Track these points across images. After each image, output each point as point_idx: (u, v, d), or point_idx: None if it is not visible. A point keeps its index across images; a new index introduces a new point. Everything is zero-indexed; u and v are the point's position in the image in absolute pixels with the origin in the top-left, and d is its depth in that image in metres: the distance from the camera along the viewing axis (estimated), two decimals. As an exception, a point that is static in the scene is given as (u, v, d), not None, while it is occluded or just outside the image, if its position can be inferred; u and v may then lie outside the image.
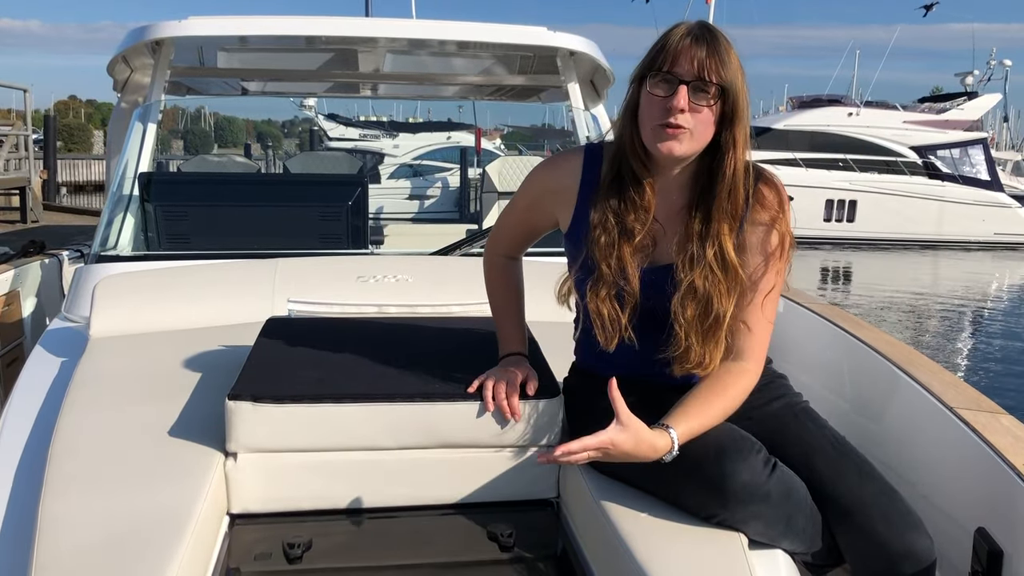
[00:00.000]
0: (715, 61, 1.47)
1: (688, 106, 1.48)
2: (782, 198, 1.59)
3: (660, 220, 1.58)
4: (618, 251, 1.55)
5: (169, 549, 1.31)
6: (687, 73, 1.47)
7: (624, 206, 1.56)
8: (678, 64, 1.48)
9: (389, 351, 1.84)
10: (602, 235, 1.56)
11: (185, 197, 3.44)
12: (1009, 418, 1.69)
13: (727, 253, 1.52)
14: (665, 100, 1.49)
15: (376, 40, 3.42)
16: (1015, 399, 7.80)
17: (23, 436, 1.78)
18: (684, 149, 1.50)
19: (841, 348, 2.28)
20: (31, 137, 13.52)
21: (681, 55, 1.48)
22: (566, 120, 3.89)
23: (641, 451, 1.42)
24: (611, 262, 1.55)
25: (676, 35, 1.50)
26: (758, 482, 1.41)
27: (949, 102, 23.67)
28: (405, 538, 1.64)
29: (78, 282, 2.79)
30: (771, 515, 1.42)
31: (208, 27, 3.19)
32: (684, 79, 1.47)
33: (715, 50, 1.48)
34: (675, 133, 1.49)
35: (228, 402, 1.58)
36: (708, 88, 1.47)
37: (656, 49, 1.52)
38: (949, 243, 20.91)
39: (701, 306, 1.51)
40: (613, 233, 1.55)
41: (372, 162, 18.46)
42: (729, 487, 1.40)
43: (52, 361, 2.23)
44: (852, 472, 1.50)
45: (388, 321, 2.07)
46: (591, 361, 1.71)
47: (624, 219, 1.56)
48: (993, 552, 1.48)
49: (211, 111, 41.83)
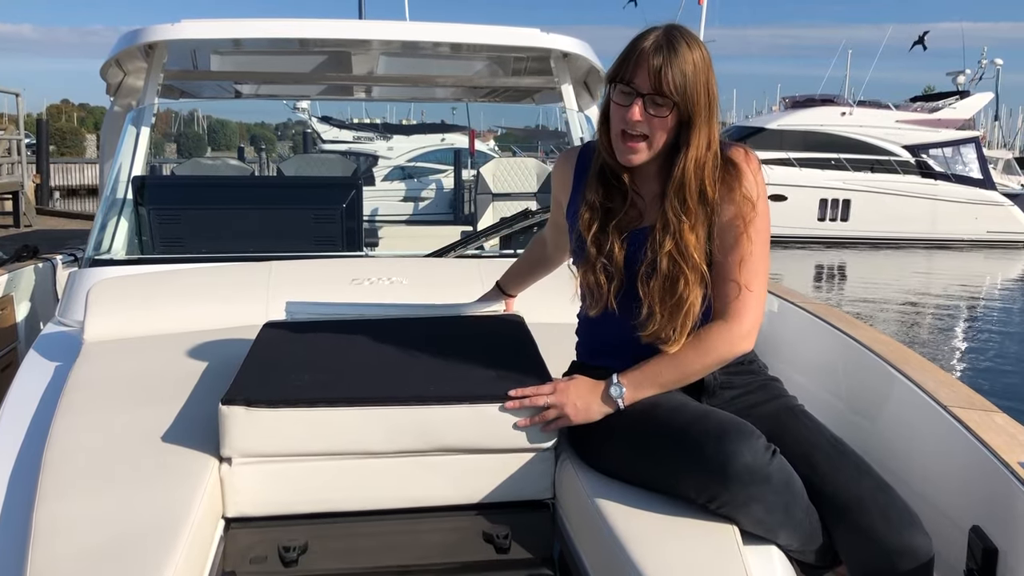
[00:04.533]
0: (670, 70, 1.54)
1: (643, 116, 1.57)
2: (746, 167, 1.64)
3: (644, 197, 1.69)
4: (600, 226, 1.67)
5: (164, 553, 1.31)
6: (643, 84, 1.56)
7: (607, 191, 1.70)
8: (637, 75, 1.56)
9: (383, 354, 1.84)
10: (586, 213, 1.69)
11: (179, 200, 3.44)
12: (1003, 416, 1.70)
13: (685, 247, 1.59)
14: (624, 110, 1.59)
15: (369, 42, 3.42)
16: (1009, 397, 7.82)
17: (17, 441, 1.78)
18: (642, 157, 1.62)
19: (835, 347, 2.29)
20: (24, 141, 13.47)
21: (640, 66, 1.56)
22: (560, 121, 3.91)
23: (582, 389, 1.63)
24: (596, 236, 1.67)
25: (643, 43, 1.57)
26: (760, 463, 1.42)
27: (941, 101, 23.72)
28: (401, 541, 1.64)
29: (72, 286, 2.79)
30: (771, 500, 1.42)
31: (201, 30, 3.18)
32: (640, 91, 1.56)
33: (671, 59, 1.54)
34: (634, 146, 1.61)
35: (222, 407, 1.57)
36: (662, 101, 1.55)
37: (623, 56, 1.60)
38: (942, 241, 20.97)
39: (667, 283, 1.60)
40: (597, 212, 1.68)
41: (366, 164, 18.45)
42: (731, 467, 1.41)
43: (46, 366, 2.22)
44: (851, 469, 1.51)
45: (382, 323, 2.06)
46: (585, 357, 1.80)
47: (608, 201, 1.69)
48: (988, 550, 1.48)
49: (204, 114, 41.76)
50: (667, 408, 1.58)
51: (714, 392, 1.69)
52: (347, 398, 1.61)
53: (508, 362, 1.77)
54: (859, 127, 21.81)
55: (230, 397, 1.58)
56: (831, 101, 23.24)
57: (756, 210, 1.62)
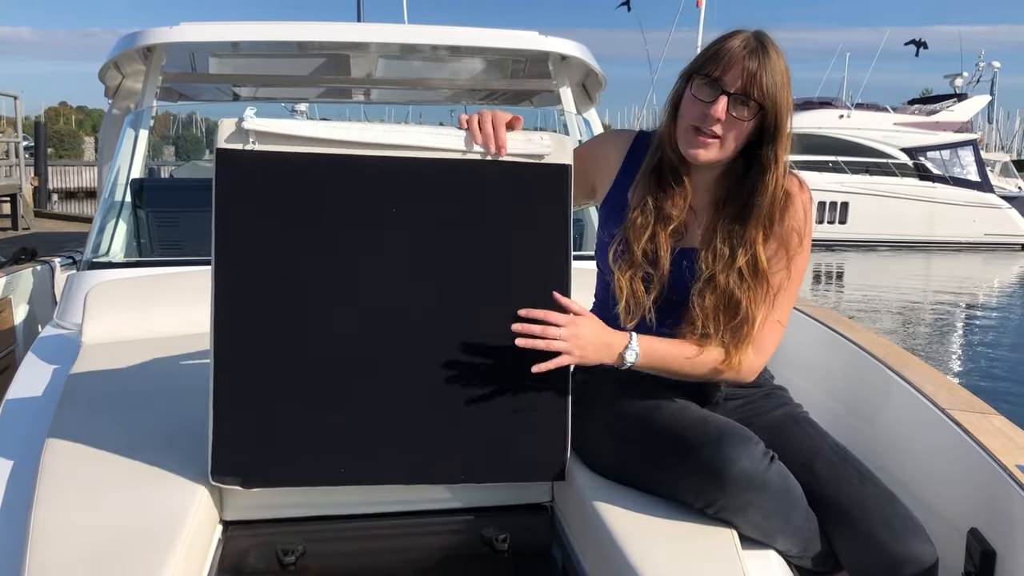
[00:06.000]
0: (763, 77, 1.49)
1: (725, 116, 1.51)
2: (799, 199, 1.62)
3: (695, 208, 1.63)
4: (652, 233, 1.58)
5: (162, 557, 1.31)
6: (732, 84, 1.51)
7: (663, 192, 1.61)
8: (727, 72, 1.51)
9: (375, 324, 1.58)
10: (639, 217, 1.60)
11: (177, 203, 3.44)
12: (1001, 419, 1.70)
13: (760, 262, 1.55)
14: (705, 105, 1.52)
15: (368, 45, 3.42)
16: (1007, 399, 7.83)
17: (15, 443, 1.78)
18: (710, 156, 1.55)
19: (834, 350, 2.29)
20: (22, 144, 13.47)
21: (732, 65, 1.50)
22: (558, 124, 3.89)
23: (597, 338, 1.50)
24: (645, 244, 1.58)
25: (733, 43, 1.52)
26: (757, 469, 1.42)
27: (939, 104, 23.79)
28: (399, 544, 1.64)
29: (70, 289, 2.78)
30: (769, 506, 1.42)
31: (200, 33, 3.18)
32: (727, 89, 1.51)
33: (766, 66, 1.50)
34: (705, 141, 1.54)
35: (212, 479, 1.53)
36: (749, 103, 1.51)
37: (710, 52, 1.54)
38: (940, 244, 20.99)
39: (723, 302, 1.55)
40: (651, 216, 1.59)
41: (364, 167, 18.39)
42: (729, 472, 1.40)
43: (44, 368, 2.22)
44: (853, 477, 1.51)
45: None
46: None
47: (662, 204, 1.60)
48: (986, 552, 1.48)
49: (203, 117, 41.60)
50: (667, 412, 1.57)
51: (718, 402, 1.69)
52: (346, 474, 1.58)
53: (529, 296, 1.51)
54: (857, 130, 21.85)
55: (220, 473, 1.53)
56: (829, 104, 23.26)
57: (802, 245, 1.60)
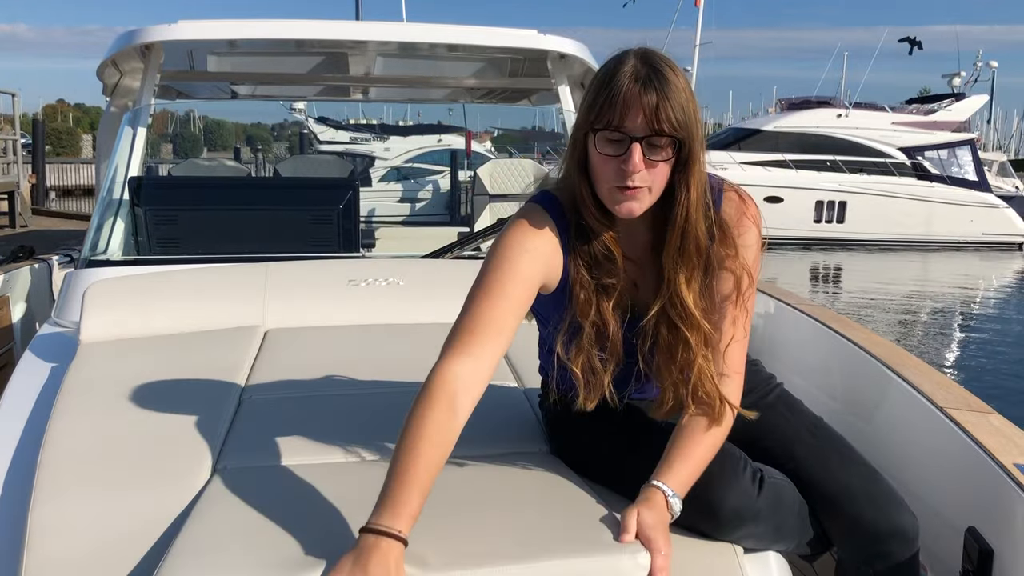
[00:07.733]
0: (667, 106, 1.30)
1: (644, 164, 1.33)
2: (743, 214, 1.46)
3: (633, 259, 1.47)
4: (598, 307, 1.43)
5: (160, 556, 1.31)
6: (639, 128, 1.31)
7: (593, 259, 1.44)
8: (627, 117, 1.31)
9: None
10: (580, 292, 1.43)
11: (175, 201, 3.43)
12: (998, 418, 1.71)
13: (684, 304, 1.40)
14: (618, 160, 1.34)
15: (366, 44, 3.42)
16: (1005, 398, 7.84)
17: (12, 442, 1.77)
18: (644, 206, 1.38)
19: (832, 349, 2.29)
20: (19, 141, 13.46)
21: (630, 105, 1.31)
22: (556, 123, 3.89)
23: (661, 519, 1.31)
24: (593, 319, 1.43)
25: (620, 80, 1.32)
26: (748, 504, 1.40)
27: (937, 103, 23.80)
28: None
29: (68, 287, 2.78)
30: (761, 531, 1.43)
31: (198, 31, 3.18)
32: (635, 135, 1.32)
33: (666, 93, 1.31)
34: (633, 194, 1.35)
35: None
36: (662, 142, 1.33)
37: (602, 97, 1.34)
38: (938, 243, 21.02)
39: (666, 355, 1.43)
40: (590, 289, 1.43)
41: (363, 165, 18.41)
42: (720, 513, 1.39)
43: (42, 366, 2.21)
44: (834, 458, 1.51)
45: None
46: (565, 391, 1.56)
47: (597, 274, 1.44)
48: (984, 551, 1.49)
49: (201, 115, 41.59)
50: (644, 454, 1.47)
51: None
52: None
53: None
54: (855, 129, 21.86)
55: None
56: (827, 103, 23.29)
57: (742, 288, 1.44)
